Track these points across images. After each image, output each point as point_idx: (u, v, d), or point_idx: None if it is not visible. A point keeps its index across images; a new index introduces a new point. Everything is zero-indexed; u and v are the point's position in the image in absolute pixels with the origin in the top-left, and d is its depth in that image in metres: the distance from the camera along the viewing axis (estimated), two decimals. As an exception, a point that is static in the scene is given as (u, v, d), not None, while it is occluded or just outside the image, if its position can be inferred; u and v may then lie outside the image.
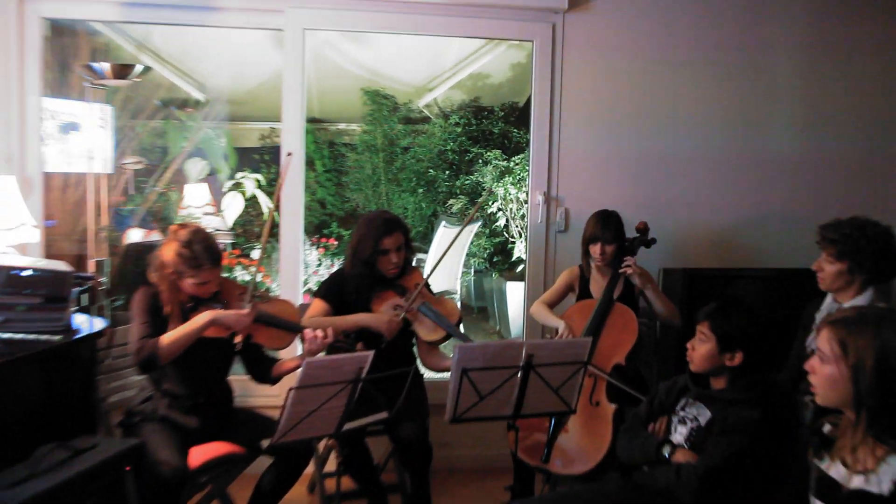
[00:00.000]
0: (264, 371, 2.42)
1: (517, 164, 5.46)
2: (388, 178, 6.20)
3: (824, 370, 1.47)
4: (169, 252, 2.20)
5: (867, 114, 3.45)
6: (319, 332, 2.30)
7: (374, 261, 2.54)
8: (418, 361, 2.71)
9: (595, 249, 2.73)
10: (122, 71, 2.99)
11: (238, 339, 2.24)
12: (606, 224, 2.72)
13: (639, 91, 3.33)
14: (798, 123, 3.43)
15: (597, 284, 2.81)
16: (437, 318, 2.50)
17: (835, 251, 2.22)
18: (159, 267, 2.21)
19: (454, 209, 5.91)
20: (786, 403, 2.05)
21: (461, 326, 2.69)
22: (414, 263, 2.71)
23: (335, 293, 2.57)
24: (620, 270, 2.70)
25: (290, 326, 2.34)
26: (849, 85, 3.43)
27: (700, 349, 2.00)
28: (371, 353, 1.93)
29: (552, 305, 2.82)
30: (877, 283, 2.24)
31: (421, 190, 6.10)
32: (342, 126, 6.42)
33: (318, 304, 2.56)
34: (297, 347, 2.99)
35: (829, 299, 2.34)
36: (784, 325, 2.52)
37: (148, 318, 2.18)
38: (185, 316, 2.22)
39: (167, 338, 2.14)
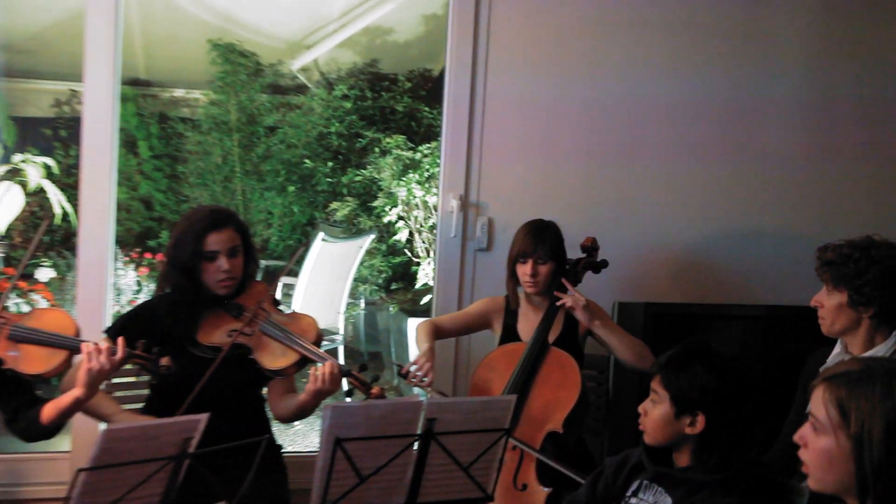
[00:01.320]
0: (31, 419, 2.30)
1: (427, 156, 5.52)
2: (246, 170, 6.14)
3: (818, 443, 1.49)
4: None
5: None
6: (104, 345, 2.23)
7: (196, 267, 2.49)
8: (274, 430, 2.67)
9: (524, 270, 2.78)
10: None
11: None
12: (540, 236, 2.78)
13: (595, 61, 3.40)
14: (803, 113, 3.56)
15: (527, 321, 2.86)
16: (287, 336, 2.49)
17: (830, 276, 2.32)
18: None
19: (339, 215, 5.89)
20: (773, 488, 2.11)
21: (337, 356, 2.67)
22: (279, 296, 2.69)
23: (134, 330, 2.44)
24: (558, 303, 2.75)
25: (60, 341, 2.28)
26: (867, 65, 3.58)
27: (653, 413, 2.04)
28: (204, 417, 1.87)
29: (446, 334, 2.90)
30: None
31: (293, 188, 6.07)
32: (179, 93, 6.32)
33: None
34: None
35: (838, 348, 2.43)
36: (779, 382, 2.61)
37: None
38: None
39: None
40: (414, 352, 5.12)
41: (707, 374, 1.99)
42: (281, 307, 2.66)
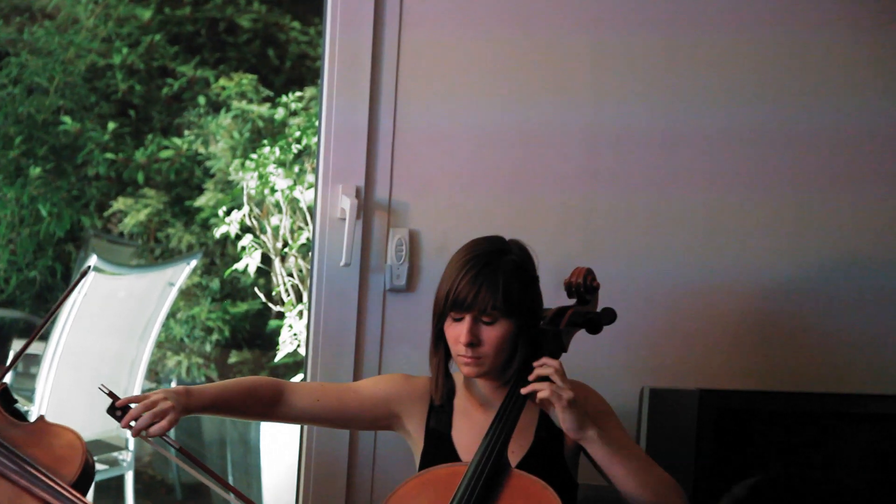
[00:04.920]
0: None
1: (296, 114, 5.61)
2: (-53, 136, 6.17)
3: None
4: None
5: None
6: None
7: None
8: None
9: (456, 333, 2.81)
10: None
11: None
12: (487, 270, 2.79)
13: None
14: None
15: (469, 424, 2.90)
16: (21, 468, 2.51)
17: None
18: None
19: (128, 224, 5.95)
20: None
21: (89, 494, 2.71)
22: (10, 379, 2.72)
23: None
24: (524, 390, 2.77)
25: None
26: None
27: None
28: None
29: (296, 414, 2.92)
30: None
31: (38, 170, 6.12)
32: None
33: None
34: None
35: None
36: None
37: None
38: None
39: None
40: (271, 480, 5.04)
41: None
42: (18, 406, 2.69)
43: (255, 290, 5.60)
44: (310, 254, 3.86)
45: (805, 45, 3.71)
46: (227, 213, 5.51)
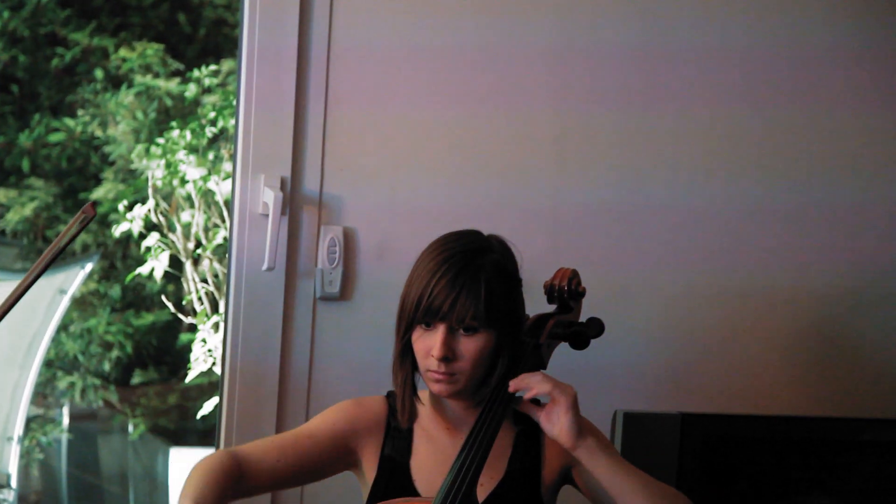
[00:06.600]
0: None
1: (211, 91, 5.60)
2: None
3: None
4: None
5: None
6: None
7: None
8: None
9: (426, 344, 2.78)
10: None
11: None
12: (466, 272, 2.77)
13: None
14: None
15: (432, 451, 2.88)
16: None
17: None
18: None
19: (10, 221, 5.92)
20: None
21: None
22: None
23: None
24: (514, 387, 2.73)
25: None
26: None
27: None
28: None
29: (255, 485, 2.83)
30: None
31: None
32: None
33: None
34: None
35: None
36: None
37: None
38: None
39: None
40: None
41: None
42: None
43: (163, 298, 5.63)
44: (227, 256, 3.78)
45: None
46: (129, 207, 5.53)
